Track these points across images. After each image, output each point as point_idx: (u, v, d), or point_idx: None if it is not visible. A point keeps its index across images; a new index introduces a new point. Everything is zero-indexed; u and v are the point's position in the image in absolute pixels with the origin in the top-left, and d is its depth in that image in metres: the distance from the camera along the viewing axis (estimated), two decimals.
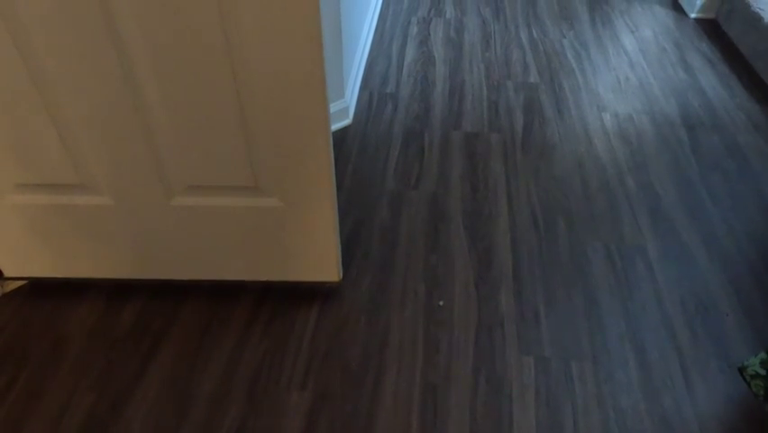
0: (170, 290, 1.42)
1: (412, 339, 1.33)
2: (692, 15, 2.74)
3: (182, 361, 1.28)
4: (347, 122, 2.01)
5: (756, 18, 2.34)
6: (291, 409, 1.20)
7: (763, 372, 1.19)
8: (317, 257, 1.35)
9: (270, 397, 1.22)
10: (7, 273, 1.40)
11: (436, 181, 1.77)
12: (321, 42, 1.00)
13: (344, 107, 1.97)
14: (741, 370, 1.29)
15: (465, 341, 1.33)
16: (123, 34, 0.99)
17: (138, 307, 1.40)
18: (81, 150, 1.16)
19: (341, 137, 1.95)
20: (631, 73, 2.32)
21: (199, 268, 1.39)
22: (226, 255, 1.36)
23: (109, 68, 1.03)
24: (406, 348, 1.31)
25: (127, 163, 1.18)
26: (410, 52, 2.44)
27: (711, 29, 2.63)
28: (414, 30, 2.60)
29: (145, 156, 1.16)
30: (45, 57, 1.02)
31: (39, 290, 1.43)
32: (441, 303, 1.41)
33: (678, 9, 2.83)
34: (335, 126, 1.98)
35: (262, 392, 1.22)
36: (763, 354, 1.18)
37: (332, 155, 1.17)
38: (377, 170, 1.82)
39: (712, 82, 2.27)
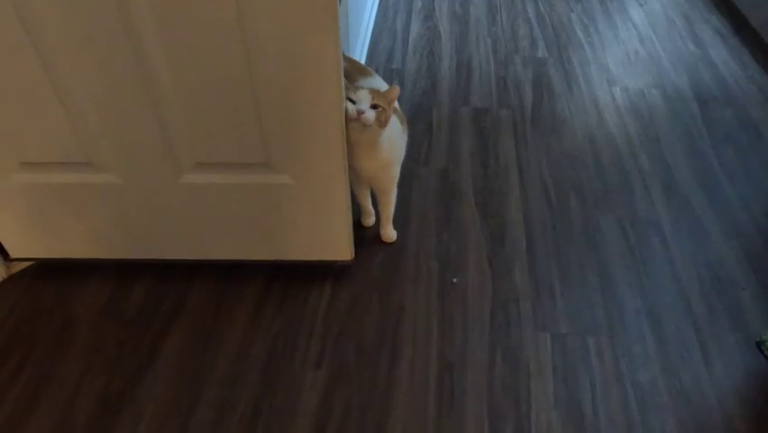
0: (179, 270, 1.40)
1: (426, 317, 1.32)
2: None
3: (194, 341, 1.27)
4: None
5: None
6: (306, 388, 1.18)
7: None
8: (329, 236, 1.32)
9: (285, 376, 1.20)
10: (13, 254, 1.38)
11: (446, 158, 1.74)
12: (336, 14, 0.95)
13: None
14: (759, 344, 1.28)
15: (480, 318, 1.31)
16: (132, 9, 0.95)
17: (147, 287, 1.37)
18: (88, 127, 1.12)
19: None
20: (640, 47, 2.28)
21: (209, 247, 1.36)
22: (236, 234, 1.33)
23: (117, 43, 0.99)
24: (421, 326, 1.30)
25: (135, 140, 1.14)
26: (415, 27, 2.39)
27: (721, 1, 2.58)
28: (418, 4, 2.55)
29: (154, 133, 1.13)
30: (52, 33, 0.98)
31: (45, 270, 1.41)
32: (455, 280, 1.39)
33: None
34: None
35: (277, 372, 1.21)
36: None
37: (344, 132, 1.13)
38: None
39: (723, 55, 2.24)
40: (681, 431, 1.13)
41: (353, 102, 1.14)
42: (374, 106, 1.15)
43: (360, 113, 1.13)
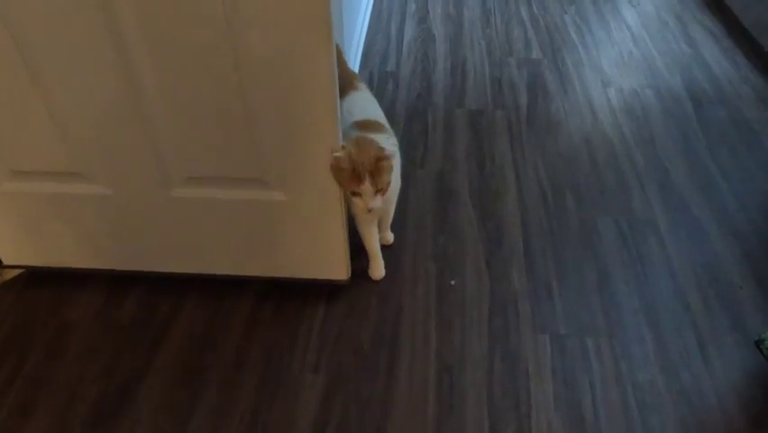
0: (171, 283, 1.37)
1: (425, 319, 1.31)
2: None
3: (189, 349, 1.25)
4: None
5: None
6: (305, 393, 1.17)
7: None
8: (325, 255, 1.29)
9: (283, 381, 1.19)
10: (5, 261, 1.36)
11: (442, 160, 1.74)
12: (330, 25, 0.92)
13: None
14: (757, 343, 1.28)
15: (479, 320, 1.31)
16: (119, 18, 0.93)
17: (140, 297, 1.35)
18: (76, 138, 1.10)
19: None
20: (634, 47, 2.29)
21: (201, 262, 1.33)
22: (229, 250, 1.30)
23: (104, 53, 0.97)
24: (419, 329, 1.29)
25: (124, 152, 1.12)
26: (409, 30, 2.39)
27: (713, 1, 2.59)
28: (412, 7, 2.55)
29: (142, 145, 1.10)
30: (39, 42, 0.97)
31: (37, 278, 1.39)
32: (452, 282, 1.38)
33: None
34: None
35: (275, 377, 1.20)
36: None
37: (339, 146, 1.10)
38: None
39: (716, 56, 2.24)
40: (681, 430, 1.12)
41: (357, 194, 1.11)
42: (379, 189, 1.12)
43: (371, 210, 1.14)
